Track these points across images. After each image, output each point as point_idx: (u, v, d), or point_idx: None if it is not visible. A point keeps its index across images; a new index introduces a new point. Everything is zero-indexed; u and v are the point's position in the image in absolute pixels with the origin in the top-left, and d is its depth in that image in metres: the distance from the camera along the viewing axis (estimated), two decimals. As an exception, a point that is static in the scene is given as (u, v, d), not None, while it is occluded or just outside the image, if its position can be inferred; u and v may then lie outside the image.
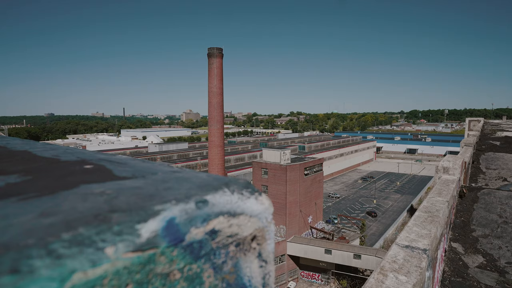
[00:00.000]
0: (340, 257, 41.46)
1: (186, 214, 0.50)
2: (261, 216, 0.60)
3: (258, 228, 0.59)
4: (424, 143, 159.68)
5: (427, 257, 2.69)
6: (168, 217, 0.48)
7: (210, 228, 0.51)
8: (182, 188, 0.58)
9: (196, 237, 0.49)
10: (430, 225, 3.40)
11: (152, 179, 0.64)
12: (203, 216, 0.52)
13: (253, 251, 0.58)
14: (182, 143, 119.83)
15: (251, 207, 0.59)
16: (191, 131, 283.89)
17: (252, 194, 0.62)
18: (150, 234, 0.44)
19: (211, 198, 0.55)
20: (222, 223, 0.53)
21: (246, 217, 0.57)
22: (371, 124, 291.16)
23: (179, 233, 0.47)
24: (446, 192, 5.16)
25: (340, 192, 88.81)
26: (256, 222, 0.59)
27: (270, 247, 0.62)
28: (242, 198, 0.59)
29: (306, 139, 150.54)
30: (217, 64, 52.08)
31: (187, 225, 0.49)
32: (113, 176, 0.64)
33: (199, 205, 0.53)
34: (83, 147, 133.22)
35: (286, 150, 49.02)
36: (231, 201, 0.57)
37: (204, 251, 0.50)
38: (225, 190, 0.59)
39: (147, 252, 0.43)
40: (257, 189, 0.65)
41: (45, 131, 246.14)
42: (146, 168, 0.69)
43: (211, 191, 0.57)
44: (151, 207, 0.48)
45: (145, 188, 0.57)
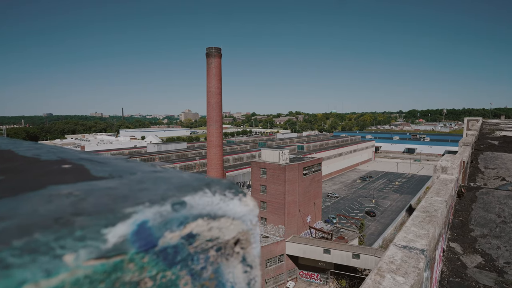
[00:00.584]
0: (339, 256, 41.48)
1: (160, 217, 0.47)
2: (245, 219, 0.57)
3: (242, 231, 0.56)
4: (422, 143, 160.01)
5: (425, 258, 2.66)
6: (140, 220, 0.44)
7: (187, 232, 0.48)
8: (159, 189, 0.54)
9: (171, 241, 0.46)
10: (428, 225, 3.37)
11: (129, 179, 0.60)
12: (180, 219, 0.48)
13: (237, 256, 0.55)
14: (180, 143, 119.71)
15: (234, 209, 0.56)
16: (190, 131, 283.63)
17: (235, 195, 0.58)
18: (118, 239, 0.41)
19: (189, 199, 0.52)
20: (201, 226, 0.50)
21: (228, 220, 0.54)
22: (369, 124, 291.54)
23: (151, 238, 0.44)
24: (445, 192, 5.13)
25: (339, 192, 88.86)
26: (240, 225, 0.56)
27: (256, 251, 0.59)
28: (225, 200, 0.56)
29: (305, 139, 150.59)
30: (215, 64, 52.02)
31: (161, 228, 0.46)
32: (88, 176, 0.60)
33: (176, 207, 0.49)
34: (82, 147, 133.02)
35: (285, 150, 49.01)
36: (212, 203, 0.54)
37: (181, 256, 0.47)
38: (205, 191, 0.55)
39: (113, 259, 0.39)
40: (241, 190, 0.61)
41: (43, 131, 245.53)
42: (126, 168, 0.66)
43: (190, 192, 0.54)
44: (122, 209, 0.45)
45: (119, 188, 0.54)
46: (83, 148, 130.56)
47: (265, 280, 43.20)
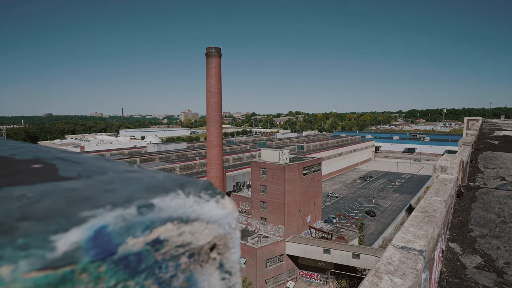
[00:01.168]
0: (339, 256, 41.44)
1: (123, 221, 0.43)
2: (222, 222, 0.53)
3: (218, 235, 0.52)
4: (422, 143, 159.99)
5: (424, 259, 2.62)
6: (98, 225, 0.40)
7: (153, 237, 0.45)
8: (126, 190, 0.50)
9: (134, 248, 0.43)
10: (427, 226, 3.34)
11: (97, 179, 0.56)
12: (146, 223, 0.45)
13: (213, 262, 0.52)
14: (180, 143, 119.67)
15: (209, 211, 0.52)
16: (190, 131, 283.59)
17: (212, 196, 0.54)
18: (69, 247, 0.36)
19: (159, 201, 0.48)
20: (170, 231, 0.46)
21: (202, 224, 0.50)
22: (369, 124, 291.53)
23: (110, 245, 0.40)
24: (444, 192, 5.10)
25: (338, 192, 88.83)
26: (216, 228, 0.52)
27: (235, 256, 0.55)
28: (200, 202, 0.52)
29: (305, 138, 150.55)
30: (215, 64, 51.99)
31: (123, 234, 0.42)
32: (54, 176, 0.56)
33: (142, 210, 0.46)
34: (82, 147, 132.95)
35: (285, 149, 48.98)
36: (185, 205, 0.50)
37: (145, 264, 0.44)
38: (178, 193, 0.52)
39: (61, 270, 0.35)
40: (220, 191, 0.56)
41: (43, 131, 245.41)
42: (98, 168, 0.61)
43: (160, 193, 0.50)
44: (78, 213, 0.41)
45: (81, 190, 0.49)
46: (83, 148, 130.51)
47: (265, 280, 43.17)
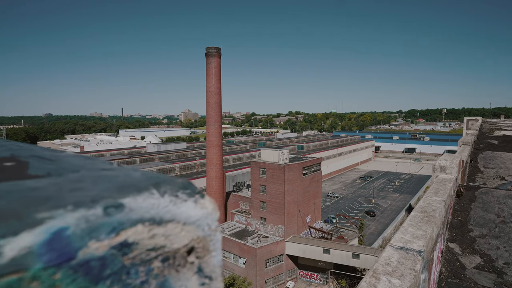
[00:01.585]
0: (338, 256, 41.41)
1: (86, 223, 0.39)
2: (201, 223, 0.50)
3: (196, 238, 0.49)
4: (422, 142, 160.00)
5: (422, 259, 2.59)
6: (56, 227, 0.37)
7: (120, 240, 0.41)
8: (95, 189, 0.47)
9: (97, 252, 0.39)
10: (426, 226, 3.30)
11: (67, 178, 0.52)
12: (113, 224, 0.41)
13: (190, 266, 0.49)
14: (180, 143, 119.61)
15: (186, 212, 0.49)
16: (190, 131, 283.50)
17: (190, 196, 0.51)
18: (19, 252, 0.33)
19: (129, 201, 0.45)
20: (141, 233, 0.43)
21: (178, 225, 0.47)
22: (369, 124, 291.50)
23: (68, 249, 0.36)
24: (443, 192, 5.07)
25: (338, 192, 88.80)
26: (194, 230, 0.49)
27: (216, 260, 0.52)
28: (176, 202, 0.49)
29: (305, 138, 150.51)
30: (215, 64, 51.95)
31: (85, 237, 0.39)
32: (21, 174, 0.52)
33: (109, 211, 0.42)
34: (81, 147, 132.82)
35: (285, 149, 48.94)
36: (159, 205, 0.47)
37: (111, 269, 0.40)
38: (152, 192, 0.48)
39: (6, 278, 0.31)
40: (199, 190, 0.53)
41: (43, 131, 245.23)
42: (72, 166, 0.57)
43: (132, 193, 0.47)
44: (33, 214, 0.37)
45: (45, 189, 0.46)
46: (83, 149, 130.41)
47: (264, 280, 43.14)
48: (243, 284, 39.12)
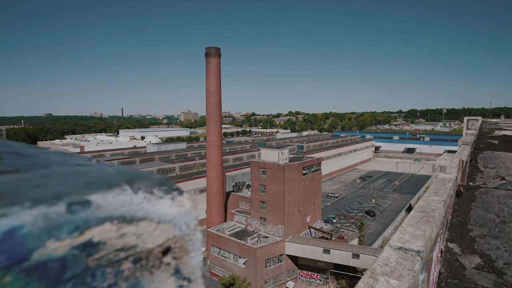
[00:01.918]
0: (338, 256, 41.37)
1: (45, 221, 0.36)
2: (178, 222, 0.47)
3: (173, 237, 0.46)
4: (422, 142, 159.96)
5: (421, 259, 2.56)
6: (8, 226, 0.33)
7: (84, 240, 0.38)
8: (61, 185, 0.43)
9: (56, 253, 0.36)
10: (425, 226, 3.27)
11: (35, 173, 0.48)
12: (77, 222, 0.38)
13: (166, 268, 0.46)
14: (180, 143, 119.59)
15: (162, 210, 0.46)
16: (190, 131, 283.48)
17: (167, 193, 0.48)
18: None
19: (97, 198, 0.42)
20: (109, 232, 0.40)
21: (152, 224, 0.44)
22: (369, 124, 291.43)
23: (20, 249, 0.33)
24: (443, 191, 5.04)
25: (338, 192, 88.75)
26: (170, 229, 0.46)
27: (195, 261, 0.49)
28: (150, 199, 0.46)
29: (305, 138, 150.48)
30: (214, 64, 51.91)
31: (42, 236, 0.35)
32: None
33: (73, 208, 0.39)
34: (81, 147, 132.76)
35: (284, 149, 48.90)
36: (131, 203, 0.44)
37: (72, 272, 0.37)
38: (124, 188, 0.45)
39: None
40: (177, 187, 0.51)
41: (43, 132, 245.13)
42: (44, 161, 0.54)
43: (101, 189, 0.43)
44: None
45: (5, 184, 0.42)
46: (83, 149, 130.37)
47: (264, 280, 43.10)
48: (243, 284, 39.08)
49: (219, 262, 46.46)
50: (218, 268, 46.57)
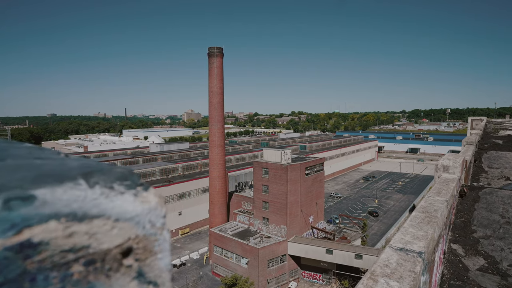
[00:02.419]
0: (341, 257, 41.21)
1: None
2: (140, 220, 0.43)
3: (135, 237, 0.42)
4: (426, 143, 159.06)
5: (423, 261, 2.50)
6: None
7: (21, 240, 0.34)
8: (4, 179, 0.39)
9: None
10: (427, 226, 3.21)
11: None
12: (13, 220, 0.34)
13: (127, 271, 0.41)
14: (183, 143, 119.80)
15: (121, 206, 0.42)
16: (193, 131, 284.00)
17: (129, 188, 0.44)
18: None
19: (44, 193, 0.37)
20: (53, 231, 0.36)
21: (108, 222, 0.40)
22: (372, 124, 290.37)
23: None
24: (446, 192, 4.96)
25: (341, 192, 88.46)
26: (131, 228, 0.42)
27: (163, 263, 0.45)
28: (109, 194, 0.42)
29: (308, 138, 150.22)
30: (217, 64, 51.92)
31: None
32: None
33: (12, 204, 0.34)
34: (85, 147, 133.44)
35: (287, 149, 48.80)
36: (85, 198, 0.40)
37: (4, 277, 0.33)
38: (78, 183, 0.41)
39: None
40: (143, 182, 0.46)
41: (47, 132, 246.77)
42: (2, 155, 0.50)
43: (50, 183, 0.39)
44: None
45: None
46: (86, 148, 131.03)
47: (267, 280, 43.03)
48: (245, 284, 39.05)
49: (222, 262, 46.47)
50: (221, 268, 46.58)
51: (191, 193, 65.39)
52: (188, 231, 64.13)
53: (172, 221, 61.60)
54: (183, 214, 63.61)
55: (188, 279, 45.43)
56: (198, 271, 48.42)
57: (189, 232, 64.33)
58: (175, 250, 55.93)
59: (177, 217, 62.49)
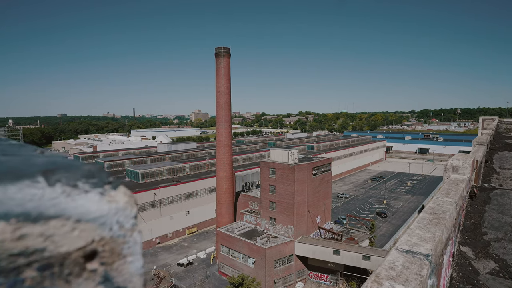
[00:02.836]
0: (348, 258, 40.87)
1: None
2: (106, 221, 0.40)
3: (99, 239, 0.39)
4: (436, 143, 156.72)
5: (430, 264, 2.43)
6: None
7: None
8: None
9: None
10: (435, 228, 3.13)
11: None
12: None
13: (91, 276, 0.38)
14: (190, 143, 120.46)
15: (84, 206, 0.39)
16: (200, 131, 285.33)
17: (95, 186, 0.41)
18: None
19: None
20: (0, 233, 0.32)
21: (68, 223, 0.37)
22: (381, 124, 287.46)
23: None
24: (455, 192, 4.84)
25: (349, 192, 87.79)
26: (95, 229, 0.39)
27: (133, 267, 0.42)
28: (71, 193, 0.39)
29: (315, 138, 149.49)
30: (224, 64, 52.03)
31: None
32: None
33: None
34: (94, 147, 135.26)
35: (294, 149, 48.61)
36: (42, 197, 0.36)
37: None
38: (36, 180, 0.37)
39: None
40: (112, 180, 0.44)
41: (58, 131, 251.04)
42: None
43: (3, 181, 0.35)
44: None
45: None
46: (95, 148, 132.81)
47: (274, 280, 42.94)
48: (252, 284, 39.04)
49: (229, 261, 46.55)
50: (228, 267, 46.67)
51: (198, 192, 65.68)
52: (195, 231, 64.43)
53: (179, 221, 61.98)
54: (190, 213, 63.93)
55: (195, 278, 45.63)
56: (205, 270, 48.59)
57: (196, 231, 64.63)
58: (182, 250, 56.24)
59: (184, 217, 62.84)
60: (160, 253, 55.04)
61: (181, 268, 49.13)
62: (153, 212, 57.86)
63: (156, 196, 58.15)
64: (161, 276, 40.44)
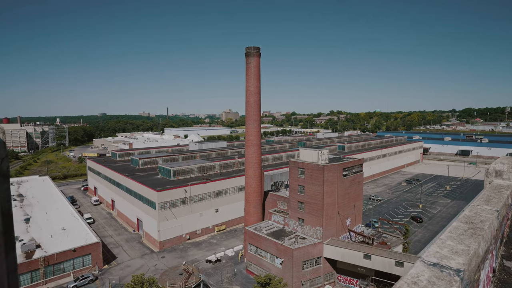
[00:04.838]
0: (380, 263, 39.26)
1: None
2: None
3: None
4: (479, 144, 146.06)
5: (461, 280, 2.16)
6: None
7: None
8: None
9: None
10: (470, 239, 2.80)
11: None
12: None
13: None
14: (221, 141, 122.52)
15: None
16: (230, 130, 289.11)
17: None
18: None
19: None
20: None
21: None
22: (417, 124, 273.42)
23: None
24: (497, 200, 4.37)
25: (382, 195, 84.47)
26: None
27: None
28: None
29: (346, 138, 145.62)
30: (254, 63, 52.13)
31: None
32: None
33: None
34: (130, 144, 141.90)
35: (324, 150, 47.57)
36: None
37: None
38: None
39: None
40: None
41: (98, 129, 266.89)
42: None
43: None
44: None
45: None
46: (131, 146, 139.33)
47: (301, 282, 42.37)
48: (279, 284, 38.80)
49: (256, 260, 46.65)
50: (255, 266, 46.79)
51: (227, 191, 66.53)
52: (224, 228, 65.35)
53: (208, 218, 63.22)
54: (219, 211, 64.95)
55: (223, 275, 46.26)
56: (233, 268, 49.10)
57: (225, 229, 65.53)
58: (211, 246, 57.30)
59: (213, 214, 63.97)
60: (190, 249, 56.48)
61: (209, 264, 50.05)
62: (184, 209, 59.50)
63: (186, 193, 59.74)
64: (190, 271, 41.45)
